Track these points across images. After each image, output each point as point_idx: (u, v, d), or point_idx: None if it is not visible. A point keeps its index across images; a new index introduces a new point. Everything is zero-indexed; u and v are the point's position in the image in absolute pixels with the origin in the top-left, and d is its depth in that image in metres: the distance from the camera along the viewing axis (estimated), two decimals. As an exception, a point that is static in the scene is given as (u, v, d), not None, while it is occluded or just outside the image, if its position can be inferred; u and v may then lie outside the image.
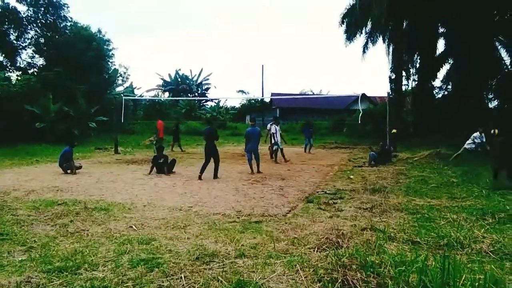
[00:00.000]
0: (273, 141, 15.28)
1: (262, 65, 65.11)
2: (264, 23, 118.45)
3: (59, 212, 6.25)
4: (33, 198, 7.59)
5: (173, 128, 21.29)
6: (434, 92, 25.81)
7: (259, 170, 11.80)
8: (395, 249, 4.28)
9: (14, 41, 28.25)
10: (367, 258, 3.60)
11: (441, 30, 24.69)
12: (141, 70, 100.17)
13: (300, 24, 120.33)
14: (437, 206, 6.84)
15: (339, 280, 3.20)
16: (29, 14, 27.85)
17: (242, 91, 54.73)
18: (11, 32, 27.94)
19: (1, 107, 20.73)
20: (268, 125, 15.05)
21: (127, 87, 37.09)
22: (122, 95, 24.75)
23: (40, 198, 7.58)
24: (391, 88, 25.58)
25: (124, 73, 35.78)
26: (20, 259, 4.12)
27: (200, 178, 10.36)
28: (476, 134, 14.25)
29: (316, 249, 4.35)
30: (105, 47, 30.64)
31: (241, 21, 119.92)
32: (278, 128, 15.12)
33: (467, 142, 14.39)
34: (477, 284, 2.91)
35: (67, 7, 28.74)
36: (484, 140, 14.01)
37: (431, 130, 22.11)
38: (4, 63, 28.40)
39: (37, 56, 29.47)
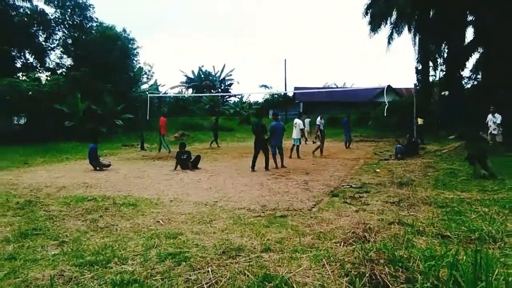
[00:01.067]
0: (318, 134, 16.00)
1: (285, 59, 65.09)
2: (286, 16, 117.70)
3: (89, 208, 6.43)
4: (64, 194, 7.83)
5: (213, 123, 21.55)
6: (463, 82, 25.03)
7: (283, 164, 11.77)
8: (424, 244, 4.19)
9: (43, 43, 29.16)
10: (395, 253, 3.54)
11: (470, 18, 23.85)
12: (165, 67, 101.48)
13: (323, 17, 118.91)
14: (468, 199, 6.64)
15: (367, 275, 3.16)
16: (57, 16, 28.66)
17: (265, 86, 54.67)
18: (40, 34, 28.83)
19: (32, 107, 21.51)
20: (297, 120, 14.98)
21: (151, 85, 37.69)
22: (147, 92, 25.19)
23: (70, 194, 7.81)
24: (417, 79, 24.97)
25: (149, 71, 36.40)
26: (53, 253, 4.26)
27: (253, 170, 11.05)
28: (490, 116, 13.91)
29: (342, 243, 4.31)
30: (129, 46, 31.21)
31: (263, 15, 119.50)
32: (300, 122, 15.00)
33: (492, 129, 13.95)
34: (510, 279, 2.82)
35: (93, 7, 29.44)
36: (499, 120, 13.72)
37: (460, 121, 21.46)
38: (34, 64, 29.37)
39: (65, 56, 30.34)
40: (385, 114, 20.77)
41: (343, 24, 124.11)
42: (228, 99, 54.78)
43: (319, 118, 16.73)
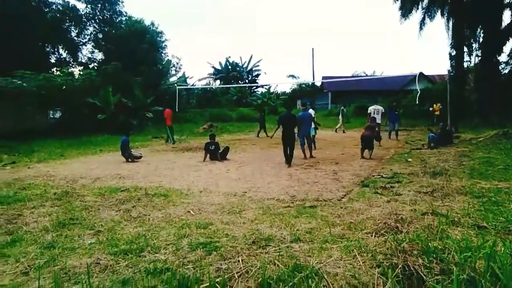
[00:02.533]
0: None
1: (312, 48, 64.29)
2: (314, 4, 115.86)
3: (123, 198, 6.61)
4: (99, 185, 8.08)
5: (260, 115, 21.93)
6: (500, 68, 23.94)
7: (312, 155, 11.68)
8: (460, 234, 4.07)
9: (75, 38, 30.04)
10: (429, 244, 3.45)
11: (506, 0, 22.71)
12: (193, 59, 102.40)
13: (351, 3, 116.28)
14: (506, 189, 6.38)
15: (400, 266, 3.10)
16: (88, 11, 29.44)
17: (293, 76, 54.27)
18: (72, 29, 29.69)
19: (66, 101, 22.23)
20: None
21: (180, 77, 38.16)
22: (175, 85, 25.51)
23: (104, 185, 8.05)
24: (451, 66, 24.02)
25: (177, 63, 36.96)
26: (89, 242, 4.41)
27: (289, 164, 10.25)
28: None
29: (373, 234, 4.24)
30: (158, 39, 31.68)
31: (290, 4, 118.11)
32: (314, 112, 14.55)
33: None
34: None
35: (122, 1, 29.98)
36: None
37: (496, 108, 20.59)
38: (67, 59, 30.32)
39: (96, 51, 31.20)
40: (417, 102, 20.23)
41: (372, 10, 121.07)
42: (255, 90, 54.73)
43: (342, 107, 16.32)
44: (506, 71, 24.12)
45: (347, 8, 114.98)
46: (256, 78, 61.40)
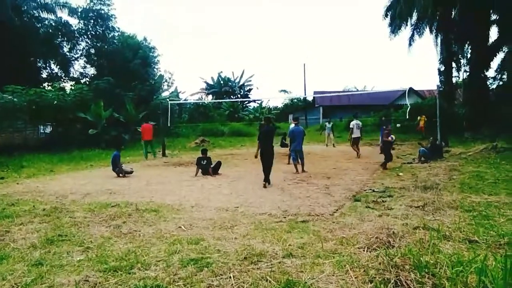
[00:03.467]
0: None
1: (304, 64, 64.99)
2: (305, 20, 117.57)
3: (113, 214, 6.53)
4: (89, 200, 7.98)
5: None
6: (488, 83, 24.38)
7: (304, 169, 11.69)
8: (451, 249, 4.08)
9: (67, 53, 30.03)
10: (421, 258, 3.45)
11: (493, 17, 23.28)
12: (185, 74, 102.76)
13: (342, 20, 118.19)
14: (496, 203, 6.45)
15: (392, 281, 3.09)
16: (80, 27, 29.50)
17: (284, 91, 54.73)
18: (64, 44, 29.71)
19: (57, 116, 22.11)
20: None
21: (172, 92, 38.24)
22: (167, 99, 25.52)
23: (95, 200, 7.96)
24: (440, 81, 24.43)
25: (169, 78, 37.01)
26: (78, 258, 4.33)
27: (265, 186, 9.34)
28: None
29: (366, 248, 4.23)
30: (150, 54, 31.79)
31: (282, 20, 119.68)
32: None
33: None
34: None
35: (115, 17, 30.14)
36: None
37: (485, 123, 20.89)
38: (59, 74, 30.24)
39: (88, 66, 31.19)
40: (407, 117, 20.44)
41: (362, 27, 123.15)
42: (247, 105, 54.99)
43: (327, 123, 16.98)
44: (494, 86, 24.56)
45: (339, 24, 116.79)
46: (248, 93, 61.81)
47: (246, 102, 54.94)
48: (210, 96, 59.96)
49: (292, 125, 14.49)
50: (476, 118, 21.98)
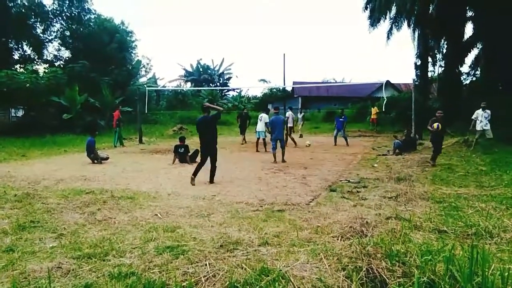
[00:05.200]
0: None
1: (284, 54, 64.66)
2: (285, 11, 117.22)
3: (87, 201, 6.43)
4: (62, 187, 7.82)
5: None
6: (462, 78, 25.01)
7: (284, 159, 11.74)
8: (421, 238, 4.22)
9: (41, 35, 28.97)
10: (392, 247, 3.55)
11: (469, 13, 23.79)
12: (164, 60, 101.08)
13: (322, 11, 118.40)
14: (465, 194, 6.67)
15: (364, 269, 3.17)
16: (54, 8, 28.47)
17: (264, 80, 54.59)
18: (37, 25, 28.64)
19: (29, 99, 21.43)
20: (263, 114, 15.13)
21: (150, 78, 37.63)
22: (145, 86, 25.10)
23: (68, 187, 7.81)
24: (416, 75, 24.86)
25: (147, 64, 36.27)
26: (51, 245, 4.26)
27: (192, 182, 8.21)
28: (480, 111, 13.61)
29: (340, 237, 4.32)
30: (128, 38, 31.07)
31: (262, 9, 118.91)
32: (266, 116, 14.69)
33: (479, 123, 13.60)
34: (507, 274, 2.83)
35: (91, -1, 29.20)
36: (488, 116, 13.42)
37: (458, 117, 21.47)
38: (32, 56, 29.20)
39: (63, 48, 30.21)
40: (383, 110, 20.80)
41: (342, 19, 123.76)
42: (227, 93, 54.67)
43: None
44: (468, 81, 25.21)
45: (319, 15, 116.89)
46: (227, 82, 61.37)
47: (225, 91, 54.60)
48: (188, 84, 59.21)
49: (264, 114, 14.76)
50: (449, 112, 22.53)
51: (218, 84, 58.60)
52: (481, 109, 13.58)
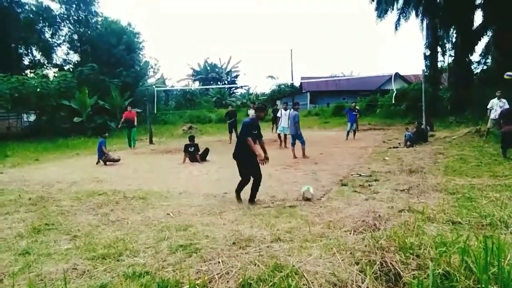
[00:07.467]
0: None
1: (291, 50, 64.70)
2: (291, 6, 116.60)
3: (100, 202, 6.50)
4: (75, 189, 7.91)
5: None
6: (472, 67, 24.62)
7: (305, 154, 11.66)
8: (435, 230, 4.17)
9: (50, 39, 29.31)
10: (406, 240, 3.51)
11: (478, 1, 23.39)
12: (171, 61, 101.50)
13: (328, 5, 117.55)
14: (479, 185, 6.58)
15: (377, 263, 3.15)
16: (62, 12, 28.77)
17: (272, 77, 54.53)
18: (46, 30, 28.97)
19: (40, 104, 21.71)
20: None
21: (158, 79, 37.83)
22: (153, 86, 25.23)
23: (81, 189, 7.90)
24: (426, 65, 24.57)
25: (155, 64, 36.45)
26: (65, 247, 4.31)
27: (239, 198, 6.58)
28: (496, 100, 13.19)
29: (352, 232, 4.30)
30: (135, 40, 31.23)
31: (267, 6, 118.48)
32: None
33: (493, 111, 13.04)
34: (523, 264, 2.79)
35: (97, 2, 29.44)
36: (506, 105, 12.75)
37: (470, 107, 21.16)
38: (41, 61, 29.56)
39: (71, 52, 30.54)
40: (393, 102, 20.61)
41: (349, 12, 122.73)
42: (235, 91, 54.71)
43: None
44: (478, 70, 24.82)
45: (326, 10, 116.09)
46: (235, 79, 61.43)
47: (233, 88, 54.67)
48: (197, 83, 59.48)
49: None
50: (460, 102, 22.24)
51: (226, 82, 58.72)
52: (496, 98, 13.30)
